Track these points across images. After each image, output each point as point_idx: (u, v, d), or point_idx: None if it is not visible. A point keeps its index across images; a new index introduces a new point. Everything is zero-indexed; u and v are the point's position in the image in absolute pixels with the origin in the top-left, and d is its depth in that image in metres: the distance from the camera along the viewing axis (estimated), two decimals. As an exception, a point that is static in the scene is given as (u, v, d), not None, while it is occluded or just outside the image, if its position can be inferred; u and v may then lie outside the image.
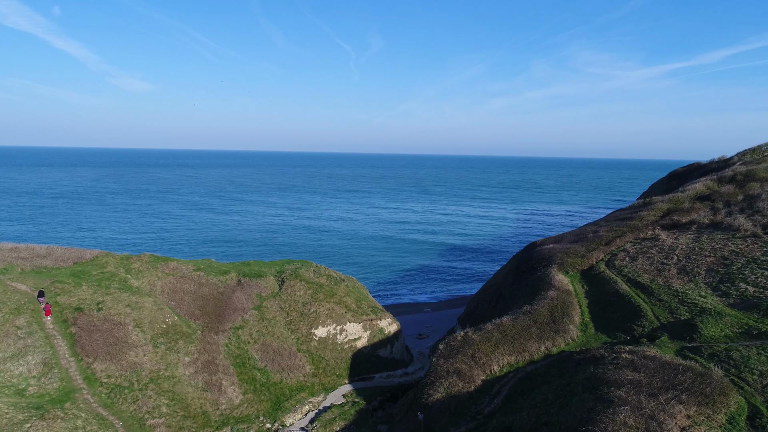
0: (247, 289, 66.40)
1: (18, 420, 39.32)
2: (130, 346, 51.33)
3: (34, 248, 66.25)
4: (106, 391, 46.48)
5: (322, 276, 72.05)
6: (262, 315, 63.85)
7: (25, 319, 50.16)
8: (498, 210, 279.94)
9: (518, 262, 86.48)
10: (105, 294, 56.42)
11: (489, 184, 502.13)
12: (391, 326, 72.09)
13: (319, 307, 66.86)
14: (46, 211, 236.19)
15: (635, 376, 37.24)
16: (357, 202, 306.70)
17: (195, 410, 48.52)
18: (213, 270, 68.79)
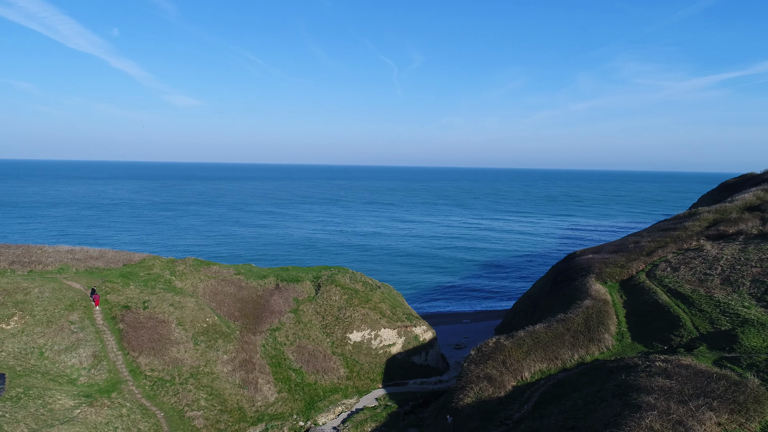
0: (285, 292, 68.41)
1: (69, 406, 42.12)
2: (172, 342, 53.93)
3: (88, 251, 70.48)
4: (150, 383, 49.01)
5: (358, 282, 73.36)
6: (299, 318, 65.61)
7: (78, 315, 53.54)
8: (539, 224, 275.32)
9: (556, 272, 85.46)
10: (151, 294, 59.49)
11: (530, 197, 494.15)
12: (426, 334, 72.51)
13: (354, 312, 68.11)
14: (101, 219, 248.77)
15: (666, 383, 36.60)
16: (396, 215, 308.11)
17: (231, 405, 50.44)
18: (253, 274, 71.25)
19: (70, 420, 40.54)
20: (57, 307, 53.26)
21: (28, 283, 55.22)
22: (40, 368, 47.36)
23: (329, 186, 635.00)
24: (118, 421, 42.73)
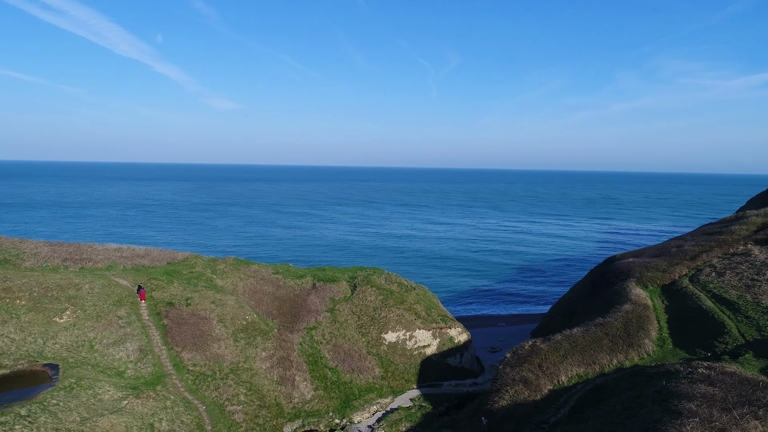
0: (321, 292, 69.55)
1: (118, 397, 44.09)
2: (213, 339, 55.66)
3: (134, 249, 73.35)
4: (192, 377, 50.75)
5: (393, 283, 73.88)
6: (335, 318, 66.61)
7: (126, 311, 55.90)
8: (577, 227, 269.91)
9: (594, 276, 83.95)
10: (193, 291, 61.52)
11: (567, 200, 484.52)
12: (461, 336, 72.41)
13: (389, 312, 68.65)
14: (144, 219, 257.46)
15: (709, 390, 35.74)
16: (430, 217, 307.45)
17: (270, 401, 51.71)
18: (290, 274, 72.70)
19: (118, 410, 42.41)
20: (106, 303, 55.74)
21: (80, 279, 57.98)
22: (90, 360, 49.69)
23: (364, 188, 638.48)
24: (163, 413, 44.41)
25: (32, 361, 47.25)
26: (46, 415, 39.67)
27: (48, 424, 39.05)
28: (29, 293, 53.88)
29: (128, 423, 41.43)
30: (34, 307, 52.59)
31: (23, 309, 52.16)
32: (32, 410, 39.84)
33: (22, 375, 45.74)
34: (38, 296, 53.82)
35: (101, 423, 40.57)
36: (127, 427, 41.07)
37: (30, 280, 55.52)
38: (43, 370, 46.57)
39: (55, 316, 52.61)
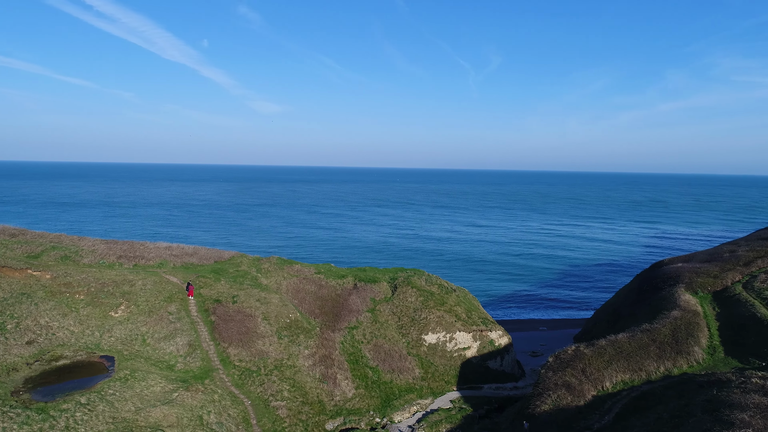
0: (362, 292, 70.41)
1: (169, 389, 45.98)
2: (258, 336, 57.22)
3: (183, 248, 76.09)
4: (238, 373, 52.35)
5: (434, 285, 74.08)
6: (375, 318, 67.32)
7: (176, 307, 58.12)
8: (622, 231, 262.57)
9: (641, 281, 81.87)
10: (239, 289, 63.38)
11: (611, 202, 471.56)
12: (501, 339, 71.96)
13: (429, 314, 68.90)
14: (189, 219, 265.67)
15: (764, 401, 34.58)
16: (469, 219, 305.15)
17: (312, 398, 52.81)
18: (332, 274, 73.90)
19: (169, 402, 44.24)
20: (157, 299, 58.12)
21: (133, 276, 60.67)
22: (143, 353, 51.93)
23: (402, 189, 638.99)
24: (211, 406, 46.03)
25: (90, 353, 49.78)
26: (104, 404, 41.80)
27: (106, 412, 41.15)
28: (87, 288, 56.76)
29: (179, 414, 43.18)
30: (91, 302, 55.36)
31: (82, 303, 54.99)
32: (91, 399, 42.05)
33: (81, 365, 48.25)
34: (95, 291, 56.62)
35: (154, 413, 42.45)
36: (178, 418, 42.81)
37: (88, 276, 58.47)
38: (100, 362, 49.00)
39: (111, 310, 55.23)
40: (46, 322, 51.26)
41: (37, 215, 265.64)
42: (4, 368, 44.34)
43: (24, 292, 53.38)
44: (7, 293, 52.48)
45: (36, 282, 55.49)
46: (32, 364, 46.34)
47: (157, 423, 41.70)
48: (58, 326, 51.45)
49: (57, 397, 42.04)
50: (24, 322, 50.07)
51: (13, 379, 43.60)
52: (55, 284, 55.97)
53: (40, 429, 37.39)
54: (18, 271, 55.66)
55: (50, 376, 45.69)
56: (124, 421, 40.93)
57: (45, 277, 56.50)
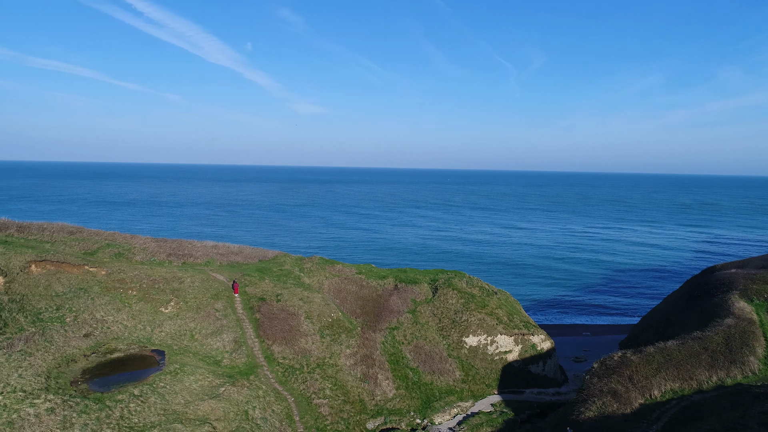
0: (403, 293, 70.65)
1: (216, 384, 47.38)
2: (301, 334, 58.24)
3: (229, 246, 78.15)
4: (282, 370, 53.43)
5: (475, 287, 73.62)
6: (416, 319, 67.44)
7: (222, 304, 59.77)
8: (669, 235, 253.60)
9: (691, 287, 79.11)
10: (283, 288, 64.64)
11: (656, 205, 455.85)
12: (544, 343, 70.88)
13: (470, 316, 68.53)
14: (233, 218, 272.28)
15: (827, 415, 32.97)
16: (509, 222, 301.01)
17: (353, 397, 53.39)
18: (373, 274, 74.44)
19: (216, 396, 45.58)
20: (205, 296, 59.93)
21: (182, 273, 62.74)
22: (191, 348, 53.65)
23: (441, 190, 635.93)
24: (256, 401, 47.16)
25: (142, 347, 51.80)
26: (156, 396, 43.43)
27: (157, 404, 42.75)
28: (139, 285, 59.05)
29: (226, 408, 44.43)
30: (143, 298, 57.58)
31: (134, 299, 57.27)
32: (144, 391, 43.77)
33: (134, 358, 50.27)
34: (147, 288, 58.85)
35: (202, 407, 43.83)
36: (225, 412, 44.06)
37: (140, 273, 60.82)
38: (152, 355, 50.93)
39: (161, 306, 57.29)
40: (101, 316, 53.63)
41: (90, 213, 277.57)
42: (64, 359, 46.64)
43: (81, 287, 55.99)
44: (67, 288, 55.17)
45: (92, 278, 58.11)
46: (89, 355, 48.57)
47: (205, 416, 43.04)
48: (113, 320, 53.75)
49: (112, 388, 43.96)
50: (81, 316, 52.53)
51: (72, 369, 45.82)
52: (110, 280, 58.47)
53: (97, 418, 39.17)
54: (76, 267, 58.42)
55: (105, 367, 47.79)
56: (175, 413, 42.42)
57: (100, 273, 59.09)
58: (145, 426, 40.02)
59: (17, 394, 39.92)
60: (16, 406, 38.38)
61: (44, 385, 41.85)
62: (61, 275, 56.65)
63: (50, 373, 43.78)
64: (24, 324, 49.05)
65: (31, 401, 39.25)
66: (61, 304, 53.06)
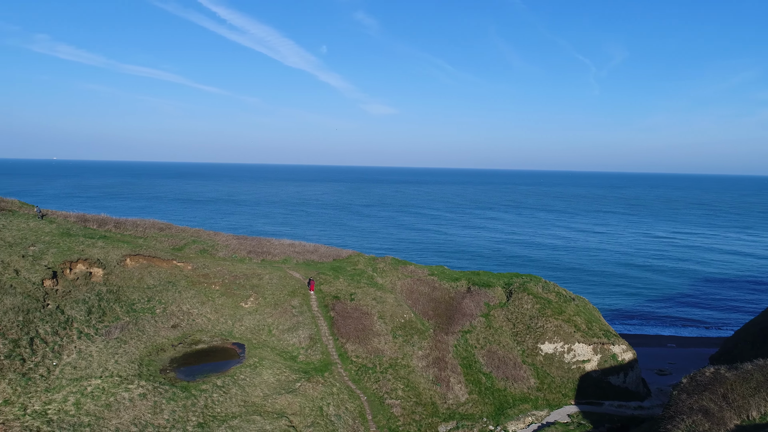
0: (476, 296, 69.59)
1: (292, 379, 48.72)
2: (374, 333, 58.74)
3: (305, 245, 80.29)
4: (355, 368, 54.12)
5: (551, 292, 71.27)
6: (489, 323, 66.21)
7: (298, 301, 61.43)
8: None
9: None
10: (356, 287, 65.50)
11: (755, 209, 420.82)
12: (625, 354, 67.47)
13: (546, 322, 66.42)
14: (306, 217, 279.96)
15: None
16: (591, 223, 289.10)
17: (425, 399, 53.16)
18: (445, 276, 73.87)
19: (293, 391, 46.84)
20: (282, 293, 61.84)
21: (261, 270, 65.10)
22: (269, 343, 55.50)
23: (513, 192, 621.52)
24: (330, 398, 48.03)
25: (224, 339, 54.20)
26: (236, 388, 45.27)
27: (238, 396, 44.54)
28: (222, 280, 61.86)
29: (302, 403, 45.57)
30: (225, 292, 60.27)
31: (217, 293, 60.05)
32: (226, 382, 45.76)
33: (216, 350, 52.68)
34: (229, 283, 61.54)
35: (279, 400, 45.19)
36: (301, 407, 45.19)
37: (222, 269, 63.71)
38: (233, 348, 53.18)
39: (242, 301, 59.71)
40: (187, 308, 56.65)
41: (174, 210, 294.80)
42: (155, 348, 49.65)
43: (170, 281, 59.42)
44: (157, 281, 58.74)
45: (179, 272, 61.53)
46: (176, 346, 51.42)
47: (282, 410, 44.34)
48: (197, 313, 56.63)
49: (197, 378, 46.28)
50: (170, 308, 55.74)
51: (161, 358, 48.68)
52: (195, 275, 61.65)
53: (184, 406, 41.35)
54: (165, 262, 62.08)
55: (191, 358, 50.41)
56: (254, 406, 44.02)
57: (187, 268, 62.44)
58: (227, 416, 41.80)
59: (114, 378, 42.94)
60: (113, 390, 41.28)
61: (137, 371, 44.73)
62: (152, 269, 60.38)
63: (142, 361, 46.74)
64: (120, 313, 52.71)
65: (125, 386, 42.07)
66: (152, 296, 56.55)
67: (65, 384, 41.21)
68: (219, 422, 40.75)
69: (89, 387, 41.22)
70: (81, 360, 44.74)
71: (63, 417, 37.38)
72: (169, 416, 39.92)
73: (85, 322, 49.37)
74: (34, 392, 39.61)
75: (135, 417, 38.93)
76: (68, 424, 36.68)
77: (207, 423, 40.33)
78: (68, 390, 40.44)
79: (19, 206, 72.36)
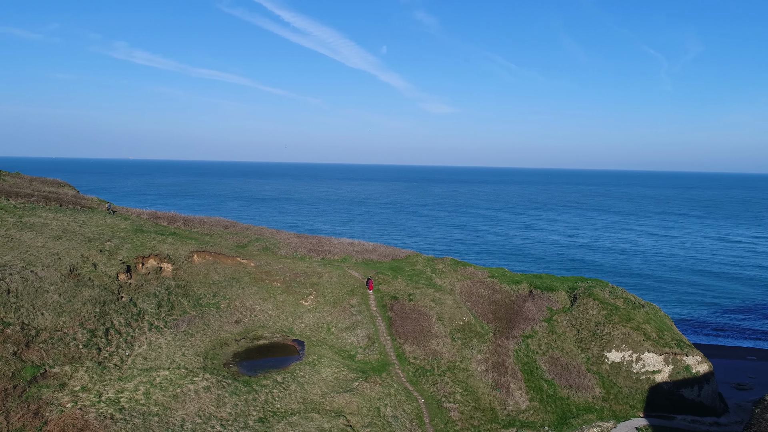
0: (538, 300, 67.44)
1: (350, 378, 48.89)
2: (432, 335, 58.07)
3: (364, 244, 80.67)
4: (413, 370, 53.68)
5: (618, 298, 67.99)
6: (552, 328, 63.98)
7: (357, 300, 61.69)
8: None
9: None
10: (415, 288, 65.03)
11: None
12: (700, 366, 63.35)
13: (613, 329, 63.40)
14: (365, 216, 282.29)
15: None
16: (661, 226, 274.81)
17: (484, 404, 51.95)
18: (506, 279, 72.07)
19: (351, 390, 46.98)
20: (341, 291, 62.30)
21: (321, 269, 65.89)
22: (327, 341, 56.03)
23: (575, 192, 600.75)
24: (387, 399, 47.83)
25: (284, 336, 55.19)
26: (296, 385, 45.92)
27: (297, 393, 45.14)
28: (283, 277, 63.06)
29: (359, 403, 45.61)
30: (286, 290, 61.39)
31: (278, 290, 61.28)
32: (285, 378, 46.51)
33: (277, 346, 53.73)
34: (289, 280, 62.65)
35: (338, 399, 45.43)
36: (359, 407, 45.23)
37: (284, 266, 64.96)
38: (293, 345, 54.05)
39: (302, 299, 60.63)
40: (250, 304, 58.11)
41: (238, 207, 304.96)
42: (219, 342, 51.18)
43: (234, 277, 61.17)
44: (222, 277, 60.62)
45: (243, 269, 63.24)
46: (239, 340, 52.81)
47: (340, 409, 44.54)
48: (260, 309, 57.96)
49: (258, 373, 47.31)
50: (233, 303, 57.35)
51: (224, 352, 50.13)
52: (258, 272, 63.17)
53: (245, 400, 42.31)
54: (230, 259, 63.97)
55: (252, 353, 51.66)
56: (312, 403, 44.48)
57: (250, 265, 64.09)
58: (286, 412, 42.43)
59: (180, 370, 44.54)
60: (179, 382, 42.82)
61: (202, 364, 46.24)
62: (218, 265, 62.37)
63: (207, 354, 48.30)
64: (187, 307, 54.73)
65: (191, 378, 43.55)
66: (217, 292, 58.40)
67: (136, 374, 43.15)
68: (278, 418, 41.43)
69: (158, 378, 42.96)
70: (151, 351, 46.75)
71: (134, 405, 39.12)
72: (231, 410, 40.97)
73: (155, 315, 51.60)
74: (108, 380, 41.70)
75: (199, 409, 40.21)
76: (138, 413, 38.34)
77: (267, 418, 41.09)
78: (139, 380, 42.31)
79: (98, 203, 76.88)
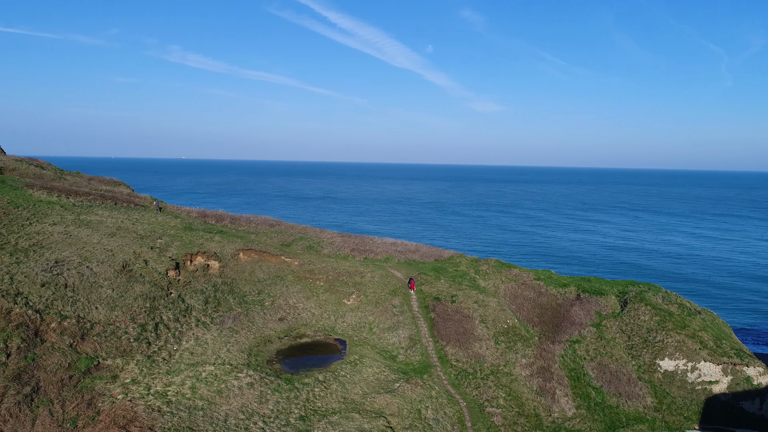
0: (586, 304, 65.28)
1: (391, 379, 48.62)
2: (475, 338, 57.10)
3: (406, 244, 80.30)
4: (455, 372, 52.92)
5: (673, 304, 65.00)
6: (601, 334, 61.79)
7: (399, 300, 61.38)
8: None
9: None
10: (458, 289, 64.15)
11: None
12: (762, 377, 59.79)
13: (666, 336, 60.65)
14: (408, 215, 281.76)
15: None
16: (720, 229, 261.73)
17: (528, 410, 50.66)
18: (552, 281, 70.15)
19: (391, 391, 46.70)
20: (383, 291, 62.13)
21: (364, 268, 65.93)
22: (369, 341, 55.96)
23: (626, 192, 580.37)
24: (428, 401, 47.28)
25: (327, 335, 55.48)
26: (337, 384, 46.02)
27: (338, 392, 45.23)
28: (326, 276, 63.46)
29: (400, 405, 45.28)
30: (329, 289, 61.74)
31: (321, 289, 61.70)
32: (327, 377, 46.70)
33: (319, 345, 54.06)
34: (332, 280, 62.98)
35: (378, 400, 45.24)
36: (399, 408, 44.90)
37: (327, 265, 65.37)
38: (335, 344, 54.26)
39: (344, 298, 60.82)
40: (293, 303, 58.74)
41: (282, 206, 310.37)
42: (263, 339, 51.95)
43: (278, 275, 62.01)
44: (266, 275, 61.56)
45: (287, 267, 64.02)
46: (282, 338, 53.44)
47: (381, 410, 44.33)
48: (303, 308, 58.50)
49: (300, 371, 47.69)
50: (277, 301, 58.11)
51: (268, 349, 50.82)
52: (301, 270, 63.81)
53: (287, 398, 42.72)
54: (274, 257, 64.91)
55: (295, 350, 52.16)
56: (353, 403, 44.45)
57: (294, 263, 64.82)
58: (327, 412, 42.56)
59: (225, 366, 45.42)
60: (224, 377, 43.67)
61: (246, 361, 47.01)
62: (263, 263, 63.39)
63: (251, 351, 49.06)
64: (233, 304, 55.83)
65: (235, 374, 44.33)
66: (262, 290, 59.32)
67: (183, 368, 44.27)
68: (319, 417, 41.60)
69: (204, 373, 43.95)
70: (197, 346, 47.90)
71: (180, 399, 40.13)
72: (273, 407, 41.45)
73: (202, 311, 52.87)
74: (157, 374, 42.96)
75: (243, 405, 40.86)
76: (185, 407, 39.29)
77: (308, 416, 41.33)
78: (186, 374, 43.39)
79: (150, 201, 79.66)
